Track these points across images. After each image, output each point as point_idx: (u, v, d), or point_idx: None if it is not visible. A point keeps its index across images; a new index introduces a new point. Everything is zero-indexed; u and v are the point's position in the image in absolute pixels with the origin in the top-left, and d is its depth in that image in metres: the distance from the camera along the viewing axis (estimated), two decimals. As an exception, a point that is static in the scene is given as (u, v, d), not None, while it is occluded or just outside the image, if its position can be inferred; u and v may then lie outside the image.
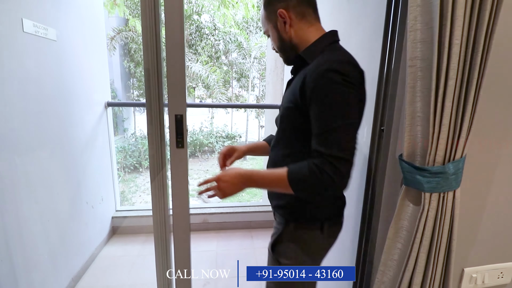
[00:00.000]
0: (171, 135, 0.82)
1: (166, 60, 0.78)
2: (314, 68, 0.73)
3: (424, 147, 0.76)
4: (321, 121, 0.70)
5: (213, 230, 2.61)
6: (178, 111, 0.81)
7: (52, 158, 1.71)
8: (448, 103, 0.70)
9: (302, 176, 0.70)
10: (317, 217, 0.85)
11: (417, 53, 0.72)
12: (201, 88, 11.38)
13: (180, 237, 0.98)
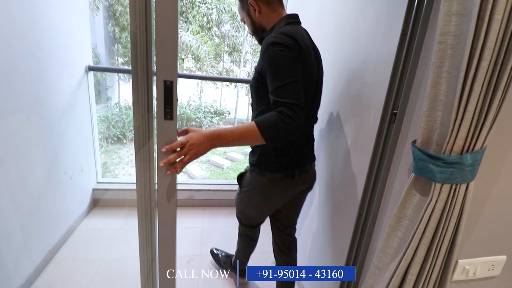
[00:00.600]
0: (159, 104, 0.71)
1: (155, 17, 0.65)
2: (262, 45, 0.94)
3: (442, 134, 0.70)
4: (274, 81, 0.89)
5: (199, 207, 2.56)
6: (168, 77, 0.70)
7: (25, 124, 1.55)
8: (477, 87, 0.62)
9: (271, 123, 0.84)
10: (263, 166, 1.13)
11: (450, 27, 0.63)
12: (191, 60, 10.91)
13: (165, 214, 0.90)
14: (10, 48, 1.40)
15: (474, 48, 0.61)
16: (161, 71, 0.69)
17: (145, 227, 1.10)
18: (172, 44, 0.67)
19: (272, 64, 0.90)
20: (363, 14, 1.10)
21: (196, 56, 8.75)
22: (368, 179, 0.99)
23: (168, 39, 0.67)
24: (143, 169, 0.87)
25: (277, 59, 0.89)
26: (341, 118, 1.27)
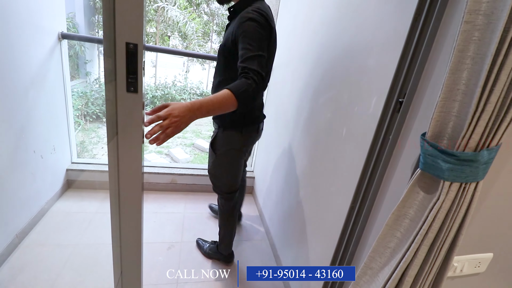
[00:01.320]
0: (119, 72, 0.59)
1: None
2: (240, 18, 1.09)
3: (456, 127, 0.63)
4: (247, 51, 1.03)
5: (181, 192, 2.47)
6: (131, 39, 0.58)
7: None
8: (504, 77, 0.55)
9: (244, 89, 0.97)
10: (237, 124, 1.33)
11: (482, 4, 0.54)
12: (177, 37, 10.42)
13: (128, 200, 0.80)
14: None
15: (505, 31, 0.53)
16: (122, 31, 0.56)
17: (117, 210, 0.99)
18: None
19: (247, 36, 1.05)
20: (370, -10, 1.00)
21: (183, 33, 8.33)
22: (364, 172, 0.93)
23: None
24: (114, 149, 0.75)
25: (253, 34, 1.05)
26: (336, 105, 1.19)
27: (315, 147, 1.38)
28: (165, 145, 6.23)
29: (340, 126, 1.15)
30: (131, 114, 0.67)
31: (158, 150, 5.70)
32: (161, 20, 8.99)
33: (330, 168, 1.21)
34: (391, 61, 0.84)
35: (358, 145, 1.00)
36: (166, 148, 5.90)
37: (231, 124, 1.33)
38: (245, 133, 1.36)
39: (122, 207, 0.80)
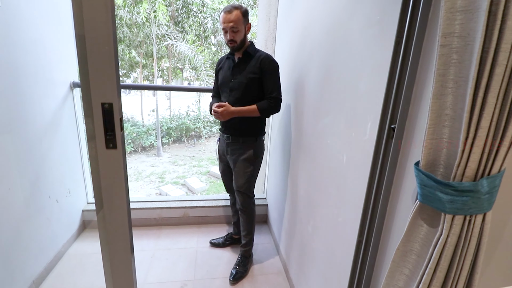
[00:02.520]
0: (98, 131, 0.60)
1: (77, 17, 0.54)
2: (266, 57, 1.60)
3: (450, 155, 0.58)
4: (273, 82, 1.61)
5: (194, 225, 2.44)
6: (106, 99, 0.59)
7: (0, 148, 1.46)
8: (492, 99, 0.51)
9: (266, 108, 1.61)
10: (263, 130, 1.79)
11: (455, 27, 0.52)
12: (189, 70, 10.90)
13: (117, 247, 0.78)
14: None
15: (485, 51, 0.49)
16: (96, 92, 0.58)
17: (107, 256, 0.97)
18: (108, 58, 0.56)
19: (274, 75, 1.62)
20: (355, 15, 1.00)
21: (193, 65, 8.71)
22: (367, 203, 0.87)
23: (103, 52, 0.56)
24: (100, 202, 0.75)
25: (277, 72, 1.63)
26: (334, 130, 1.15)
27: (319, 174, 1.33)
28: (180, 175, 6.32)
29: (340, 153, 1.11)
30: (113, 169, 0.67)
31: (174, 181, 5.77)
32: (172, 55, 9.50)
33: (335, 197, 1.15)
34: (380, 86, 0.81)
35: (359, 173, 0.95)
36: (182, 178, 5.96)
37: (258, 131, 1.73)
38: (262, 140, 1.81)
39: (112, 251, 0.78)
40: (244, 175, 1.75)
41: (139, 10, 7.93)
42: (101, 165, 0.67)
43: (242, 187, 1.78)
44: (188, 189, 5.51)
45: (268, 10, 2.63)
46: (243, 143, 1.72)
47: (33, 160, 1.74)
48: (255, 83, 1.61)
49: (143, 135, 8.30)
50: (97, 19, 0.58)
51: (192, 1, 9.23)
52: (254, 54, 1.63)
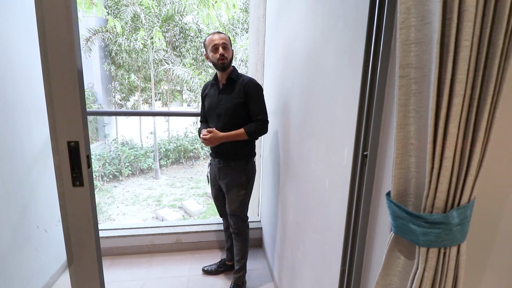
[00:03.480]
0: (64, 169, 0.59)
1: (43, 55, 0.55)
2: (249, 81, 1.65)
3: (419, 185, 0.56)
4: (259, 105, 1.65)
5: (187, 251, 2.37)
6: (72, 137, 0.58)
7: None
8: (453, 129, 0.50)
9: (254, 130, 1.63)
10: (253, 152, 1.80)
11: (411, 58, 0.52)
12: (187, 91, 11.07)
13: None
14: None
15: (442, 82, 0.49)
16: (62, 131, 0.57)
17: None
18: (73, 97, 0.56)
19: (259, 97, 1.65)
20: (329, 43, 1.02)
21: (190, 87, 8.87)
22: (347, 231, 0.84)
23: (68, 91, 0.56)
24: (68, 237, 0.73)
25: (261, 94, 1.67)
26: (317, 155, 1.14)
27: (305, 198, 1.31)
28: (178, 197, 6.24)
29: (323, 177, 1.09)
30: (79, 207, 0.66)
31: (171, 204, 5.69)
32: (170, 79, 9.71)
33: (321, 223, 1.12)
34: (353, 112, 0.81)
35: (340, 198, 0.92)
36: (179, 201, 5.89)
37: (248, 153, 1.75)
38: (253, 162, 1.81)
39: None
40: (237, 199, 1.75)
41: (136, 37, 8.20)
42: (68, 203, 0.65)
43: (236, 211, 1.77)
44: (185, 211, 5.41)
45: (257, 35, 2.70)
46: (235, 167, 1.72)
47: (22, 190, 1.72)
48: (240, 108, 1.64)
49: (141, 157, 8.30)
50: (63, 60, 0.59)
51: (189, 27, 9.57)
52: (238, 79, 1.67)
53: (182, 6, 8.06)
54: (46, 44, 0.60)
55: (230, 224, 1.83)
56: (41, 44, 0.61)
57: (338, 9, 0.94)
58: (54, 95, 0.59)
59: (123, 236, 2.31)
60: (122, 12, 8.07)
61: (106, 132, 9.60)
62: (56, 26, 0.55)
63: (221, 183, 1.79)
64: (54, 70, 0.59)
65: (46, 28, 0.60)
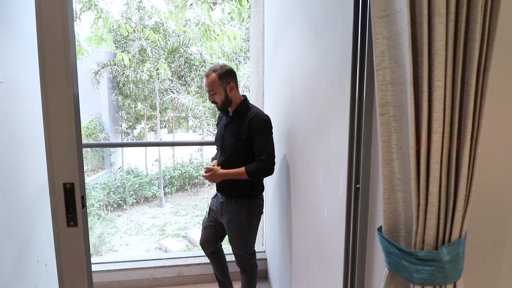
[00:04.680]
0: (59, 210, 0.61)
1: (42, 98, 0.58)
2: (255, 116, 1.52)
3: (409, 220, 0.56)
4: (263, 144, 1.50)
5: (189, 285, 2.30)
6: (67, 179, 0.60)
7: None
8: (435, 165, 0.51)
9: (254, 171, 1.50)
10: (261, 190, 1.67)
11: (388, 97, 0.54)
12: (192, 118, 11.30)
13: None
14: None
15: (419, 120, 0.51)
16: (58, 173, 0.60)
17: None
18: (70, 141, 0.59)
19: (264, 135, 1.51)
20: (321, 74, 1.06)
21: (194, 115, 9.07)
22: (346, 265, 0.82)
23: (65, 136, 0.59)
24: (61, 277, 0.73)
25: (269, 132, 1.53)
26: (315, 185, 1.14)
27: (306, 229, 1.29)
28: (182, 226, 6.15)
29: (322, 208, 1.08)
30: (73, 247, 0.66)
31: (175, 233, 5.60)
32: (175, 107, 9.98)
33: (322, 255, 1.10)
34: (345, 142, 0.82)
35: (338, 230, 0.91)
36: (184, 229, 5.80)
37: (254, 190, 1.61)
38: (261, 199, 1.69)
39: None
40: (238, 238, 1.65)
41: (143, 68, 8.56)
42: (62, 243, 0.66)
43: (238, 250, 1.68)
44: (189, 241, 5.30)
45: (257, 65, 2.81)
46: (236, 205, 1.60)
47: (24, 224, 1.73)
48: (244, 143, 1.52)
49: (146, 185, 8.32)
50: (60, 107, 0.62)
51: (194, 57, 9.98)
52: (246, 112, 1.55)
53: (187, 39, 8.49)
54: (47, 86, 0.64)
55: (235, 259, 1.74)
56: (42, 85, 0.65)
57: (327, 46, 0.99)
58: (52, 138, 0.62)
59: (124, 270, 2.26)
60: (130, 46, 8.52)
61: (112, 160, 9.72)
62: (56, 75, 0.60)
63: (221, 218, 1.69)
64: (53, 114, 0.63)
65: (46, 71, 0.64)
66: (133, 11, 9.53)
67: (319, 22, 1.06)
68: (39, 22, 0.64)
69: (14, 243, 1.65)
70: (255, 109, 1.57)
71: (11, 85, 1.63)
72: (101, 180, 7.41)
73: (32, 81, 1.85)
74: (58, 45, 0.62)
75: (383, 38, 0.53)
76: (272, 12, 2.04)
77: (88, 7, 6.18)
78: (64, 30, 0.60)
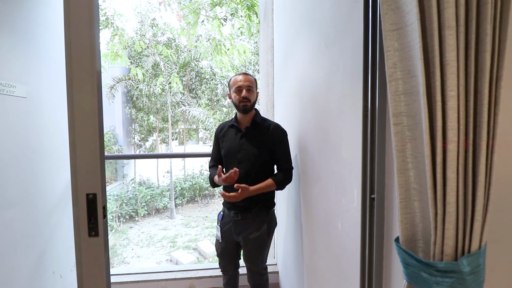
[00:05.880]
0: (81, 220, 0.63)
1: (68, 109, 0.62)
2: (277, 127, 1.56)
3: (427, 230, 0.56)
4: (286, 153, 1.54)
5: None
6: (90, 189, 0.63)
7: (7, 227, 1.51)
8: (452, 174, 0.51)
9: (282, 180, 1.51)
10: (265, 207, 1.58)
11: (402, 108, 0.55)
12: (202, 130, 11.45)
13: None
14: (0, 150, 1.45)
15: (434, 130, 0.51)
16: (81, 184, 0.62)
17: None
18: (93, 151, 0.62)
19: (286, 144, 1.55)
20: (332, 86, 1.07)
21: (205, 126, 9.22)
22: (362, 280, 0.81)
23: (89, 150, 0.62)
24: None
25: (287, 141, 1.56)
26: (327, 196, 1.14)
27: (319, 241, 1.27)
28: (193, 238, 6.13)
29: (336, 219, 1.07)
30: (94, 256, 0.68)
31: (186, 245, 5.59)
32: (186, 119, 10.17)
33: (337, 269, 1.08)
34: (357, 154, 0.82)
35: (354, 242, 0.90)
36: (194, 242, 5.78)
37: (270, 202, 1.60)
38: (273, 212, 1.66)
39: None
40: (257, 253, 1.59)
41: (156, 82, 8.83)
42: (82, 253, 0.68)
43: (256, 266, 1.63)
44: (199, 253, 5.28)
45: (266, 78, 2.86)
46: (254, 220, 1.54)
47: (41, 235, 1.77)
48: (265, 154, 1.51)
49: (157, 197, 8.41)
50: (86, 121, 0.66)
51: (204, 71, 10.22)
52: (262, 123, 1.55)
53: (198, 53, 8.73)
54: (73, 101, 0.68)
55: (248, 276, 1.69)
56: (68, 98, 0.69)
57: (337, 59, 1.01)
58: (77, 150, 0.65)
59: (136, 282, 2.26)
60: (144, 62, 8.81)
61: (124, 172, 9.89)
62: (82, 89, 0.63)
63: (236, 237, 1.59)
64: (79, 127, 0.66)
65: (74, 86, 0.68)
66: (147, 28, 9.91)
67: (328, 36, 1.08)
68: (67, 39, 0.69)
69: (31, 253, 1.69)
70: (269, 120, 1.60)
71: (34, 100, 1.71)
72: (114, 192, 7.54)
73: (53, 96, 1.94)
74: (85, 60, 0.66)
75: (395, 51, 0.55)
76: (281, 27, 2.09)
77: (105, 25, 6.47)
78: (91, 46, 0.64)
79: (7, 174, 1.50)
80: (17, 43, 1.61)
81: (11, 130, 1.53)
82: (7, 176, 1.50)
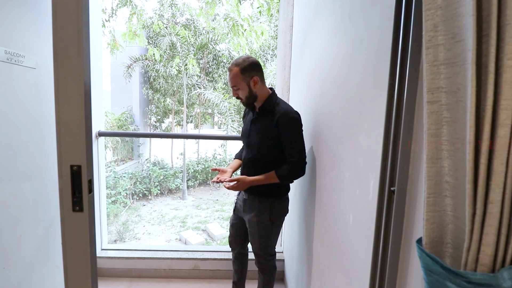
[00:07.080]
0: (65, 193, 0.58)
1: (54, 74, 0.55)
2: (284, 114, 1.39)
3: (458, 232, 0.46)
4: (293, 144, 1.40)
5: (204, 279, 2.28)
6: (74, 161, 0.57)
7: (16, 197, 1.52)
8: (500, 167, 0.40)
9: (286, 174, 1.41)
10: (286, 190, 1.57)
11: (441, 82, 0.44)
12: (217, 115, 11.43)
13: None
14: (9, 121, 1.44)
15: (481, 109, 0.40)
16: (65, 154, 0.56)
17: None
18: (79, 121, 0.55)
19: (294, 134, 1.40)
20: (352, 66, 0.96)
21: (220, 111, 9.16)
22: (373, 279, 0.72)
23: (72, 112, 0.56)
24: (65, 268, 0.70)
25: (298, 131, 1.41)
26: (340, 186, 1.05)
27: (328, 233, 1.19)
28: (202, 220, 6.22)
29: (347, 211, 0.98)
30: (78, 233, 0.63)
31: (195, 226, 5.68)
32: (202, 103, 10.15)
33: (345, 264, 1.00)
34: (377, 140, 0.72)
35: (366, 238, 0.81)
36: (204, 223, 5.86)
37: (279, 189, 1.52)
38: (286, 199, 1.59)
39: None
40: (259, 238, 1.58)
41: (172, 64, 8.78)
42: (66, 228, 0.63)
43: (258, 251, 1.62)
44: (208, 235, 5.36)
45: (283, 60, 2.72)
46: (259, 204, 1.52)
47: (50, 207, 1.79)
48: (271, 142, 1.43)
49: (170, 177, 8.56)
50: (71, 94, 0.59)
51: (222, 54, 10.06)
52: (273, 108, 1.43)
53: (216, 35, 8.56)
54: (58, 67, 0.61)
55: (255, 259, 1.68)
56: (54, 67, 0.63)
57: (362, 32, 0.89)
58: (61, 118, 0.59)
59: (142, 258, 2.29)
60: (160, 41, 8.75)
61: (140, 151, 10.09)
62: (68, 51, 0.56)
63: (244, 216, 1.62)
64: (63, 93, 0.59)
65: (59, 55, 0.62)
66: (166, 9, 9.79)
67: (354, 6, 0.96)
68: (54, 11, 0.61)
69: (40, 225, 1.71)
70: (284, 105, 1.44)
71: (44, 71, 1.68)
72: (129, 170, 7.74)
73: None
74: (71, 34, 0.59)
75: (437, 8, 0.44)
76: (302, 4, 1.94)
77: (124, 3, 6.41)
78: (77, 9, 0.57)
79: (16, 145, 1.49)
80: (27, 10, 1.57)
81: (20, 101, 1.51)
82: (15, 148, 1.50)
